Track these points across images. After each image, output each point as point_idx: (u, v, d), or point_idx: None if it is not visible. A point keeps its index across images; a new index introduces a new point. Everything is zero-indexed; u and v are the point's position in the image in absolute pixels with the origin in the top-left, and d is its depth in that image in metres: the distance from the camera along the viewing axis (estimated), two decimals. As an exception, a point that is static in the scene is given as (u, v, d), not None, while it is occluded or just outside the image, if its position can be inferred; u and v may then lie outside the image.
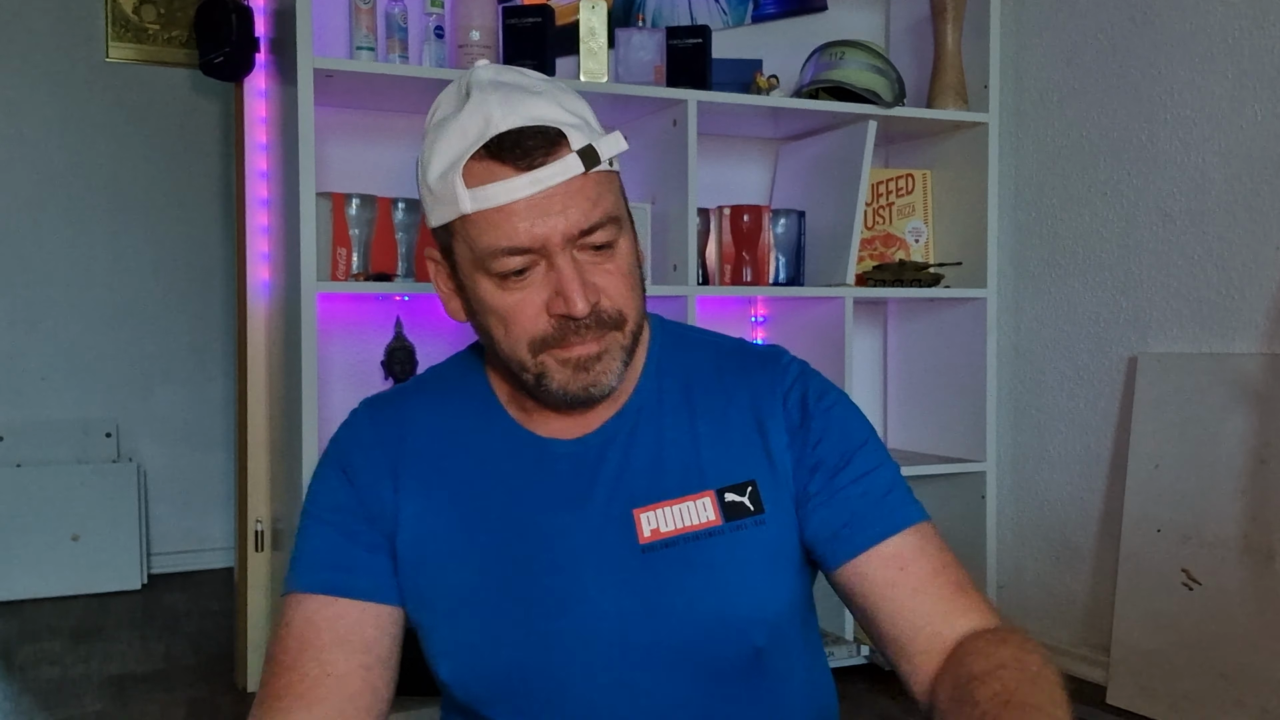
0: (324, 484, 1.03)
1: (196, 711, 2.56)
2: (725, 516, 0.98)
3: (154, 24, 3.98)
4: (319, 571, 0.99)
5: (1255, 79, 2.33)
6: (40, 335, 3.85)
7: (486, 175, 0.89)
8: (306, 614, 0.97)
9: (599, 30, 2.53)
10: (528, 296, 0.92)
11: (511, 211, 0.89)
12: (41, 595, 3.59)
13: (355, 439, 1.04)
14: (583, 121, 0.92)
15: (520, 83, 0.93)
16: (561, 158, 0.89)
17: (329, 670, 0.94)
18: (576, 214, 0.90)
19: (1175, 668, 2.36)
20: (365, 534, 1.00)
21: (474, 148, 0.89)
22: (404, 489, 1.01)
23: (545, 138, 0.89)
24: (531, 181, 0.88)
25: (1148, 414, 2.49)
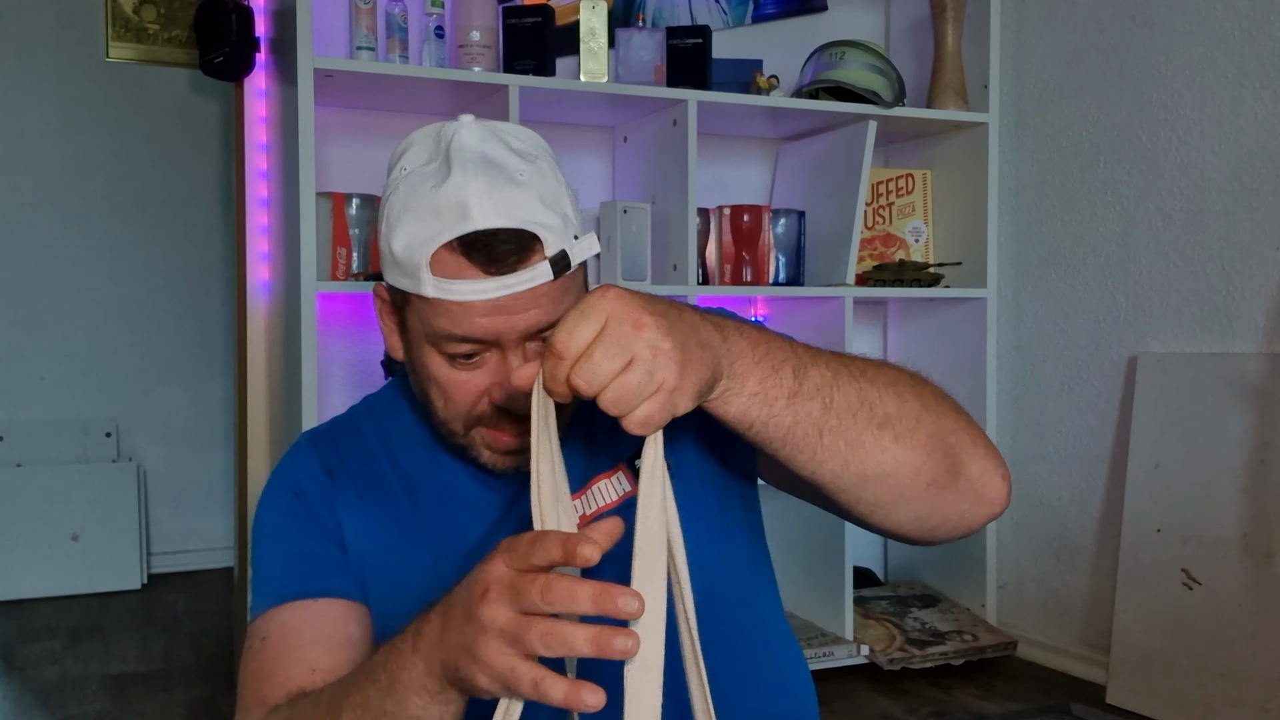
0: (274, 507, 1.02)
1: (196, 711, 2.56)
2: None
3: (154, 24, 3.98)
4: (287, 584, 0.96)
5: (1255, 79, 2.33)
6: (40, 335, 3.85)
7: (455, 270, 0.87)
8: (281, 621, 0.94)
9: (599, 30, 2.53)
10: (472, 379, 0.92)
11: (470, 308, 0.88)
12: (41, 595, 3.59)
13: (299, 464, 1.03)
14: (561, 219, 0.89)
15: (504, 163, 0.89)
16: (533, 264, 0.87)
17: (314, 667, 0.91)
18: (538, 314, 0.89)
19: (1175, 667, 2.36)
20: (323, 543, 0.99)
21: (446, 238, 0.87)
22: (346, 506, 1.01)
23: (519, 242, 0.87)
24: (500, 286, 0.87)
25: (1148, 414, 2.49)
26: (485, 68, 2.43)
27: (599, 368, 0.68)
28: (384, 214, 0.93)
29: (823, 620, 2.76)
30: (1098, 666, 2.61)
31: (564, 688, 0.65)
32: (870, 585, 3.05)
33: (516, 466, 0.96)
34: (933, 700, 2.54)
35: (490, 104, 2.46)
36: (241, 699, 0.94)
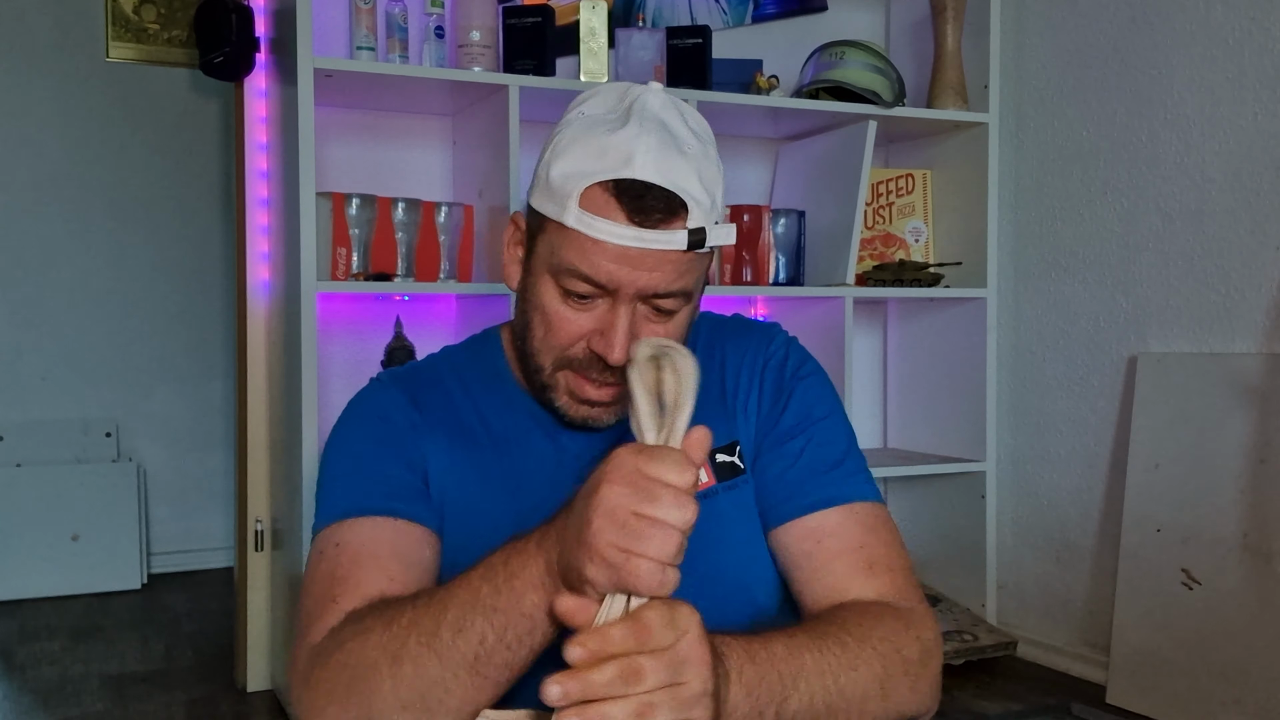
0: (357, 429, 1.03)
1: (196, 711, 2.56)
2: (718, 477, 1.02)
3: (154, 24, 3.98)
4: (365, 498, 0.97)
5: (1255, 79, 2.33)
6: (40, 335, 3.85)
7: (601, 208, 0.91)
8: (361, 533, 0.94)
9: (599, 30, 2.53)
10: (579, 319, 0.95)
11: (605, 249, 0.91)
12: (41, 595, 3.59)
13: (386, 396, 1.05)
14: (710, 201, 0.93)
15: (678, 133, 0.93)
16: (673, 228, 0.91)
17: (392, 576, 0.91)
18: (659, 278, 0.92)
19: (1175, 667, 2.36)
20: (407, 470, 1.00)
21: (604, 176, 0.90)
22: (432, 442, 1.02)
23: (668, 204, 0.91)
24: (636, 237, 0.90)
25: (1148, 414, 2.49)
26: (485, 68, 2.43)
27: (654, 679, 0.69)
28: (551, 143, 0.96)
29: (823, 620, 2.76)
30: (1098, 666, 2.61)
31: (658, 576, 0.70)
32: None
33: (586, 419, 0.99)
34: (933, 700, 2.54)
35: (490, 104, 2.46)
36: (309, 602, 0.93)
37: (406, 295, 2.57)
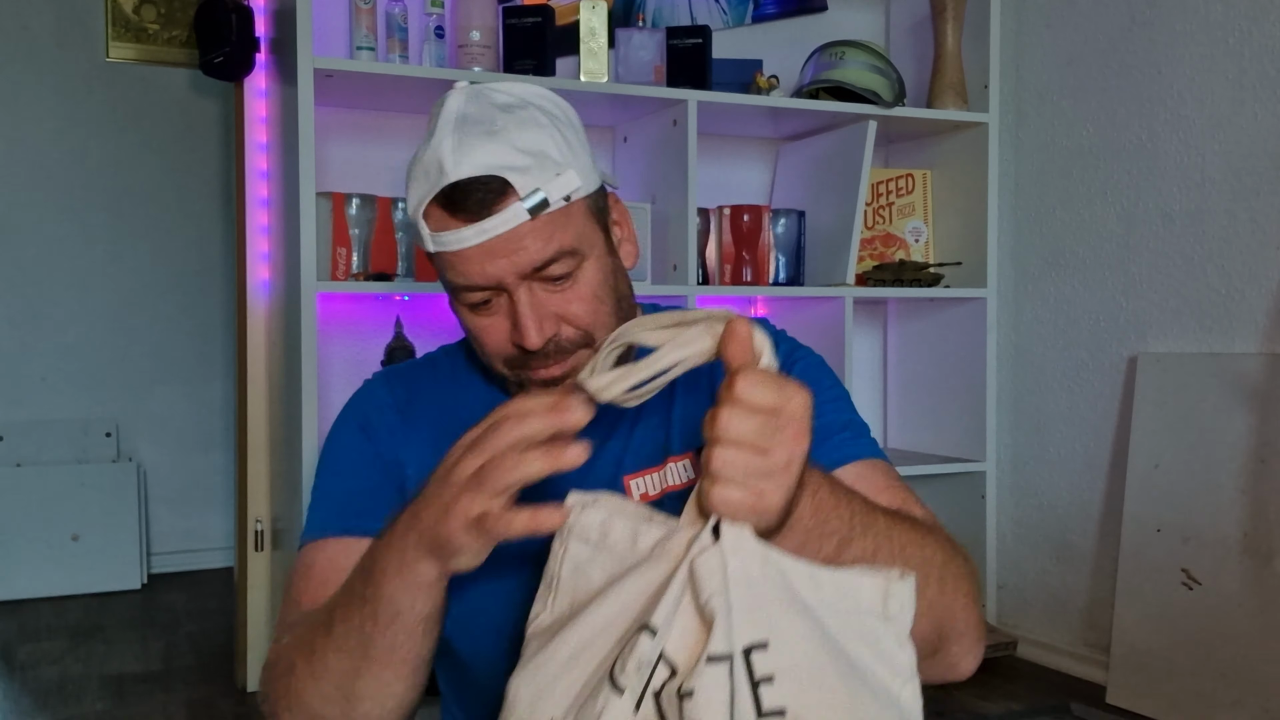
0: (341, 440, 1.08)
1: (196, 711, 2.56)
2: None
3: (154, 24, 3.98)
4: (339, 518, 1.02)
5: (1255, 79, 2.33)
6: (40, 335, 3.85)
7: (441, 223, 0.93)
8: (329, 555, 1.00)
9: (599, 30, 2.53)
10: (495, 323, 0.97)
11: (465, 256, 0.93)
12: (41, 595, 3.59)
13: (371, 399, 1.09)
14: (534, 161, 0.92)
15: (481, 118, 0.93)
16: (507, 207, 0.91)
17: None
18: (526, 256, 0.93)
19: (1175, 667, 2.36)
20: (381, 481, 1.04)
21: (430, 195, 0.93)
22: (412, 444, 1.05)
23: (492, 190, 0.91)
24: (478, 232, 0.92)
25: (1148, 414, 2.49)
26: (485, 68, 2.43)
27: (750, 422, 0.69)
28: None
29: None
30: (1098, 666, 2.61)
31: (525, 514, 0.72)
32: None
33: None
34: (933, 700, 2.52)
35: (490, 104, 2.46)
36: (279, 620, 1.01)
37: (406, 295, 2.57)
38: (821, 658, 0.69)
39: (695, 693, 0.66)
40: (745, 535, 0.70)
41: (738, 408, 0.69)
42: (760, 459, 0.69)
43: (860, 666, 0.70)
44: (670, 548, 0.72)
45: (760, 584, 0.69)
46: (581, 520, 0.77)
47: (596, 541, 0.76)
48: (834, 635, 0.70)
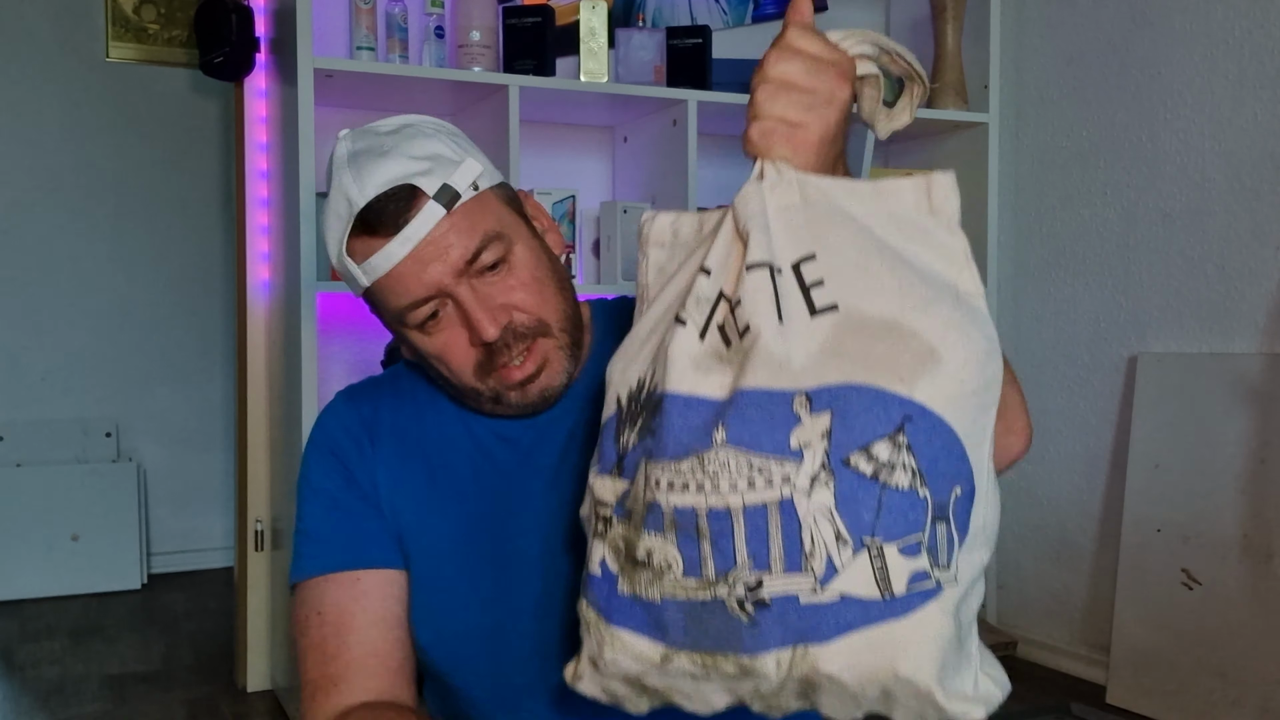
0: (315, 469, 1.07)
1: (196, 711, 2.56)
2: None
3: (154, 24, 3.98)
4: (332, 553, 1.02)
5: (1255, 79, 2.33)
6: (40, 335, 3.85)
7: (366, 249, 0.94)
8: (336, 599, 1.00)
9: (599, 30, 2.53)
10: (451, 336, 0.96)
11: (398, 274, 0.94)
12: (41, 595, 3.59)
13: (337, 421, 1.08)
14: (432, 163, 0.95)
15: (371, 146, 0.96)
16: (421, 209, 0.93)
17: (373, 650, 0.98)
18: (455, 252, 0.93)
19: (1175, 667, 2.36)
20: (363, 508, 1.03)
21: (347, 229, 0.95)
22: (381, 461, 1.05)
23: (401, 198, 0.93)
24: (402, 242, 0.92)
25: (1148, 414, 2.49)
26: (485, 68, 2.43)
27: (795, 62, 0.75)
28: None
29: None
30: (1098, 666, 2.61)
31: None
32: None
33: (543, 392, 0.99)
34: (933, 700, 2.53)
35: (490, 104, 2.46)
36: (305, 670, 1.00)
37: (406, 295, 2.57)
38: (869, 256, 0.71)
39: (743, 298, 0.71)
40: (784, 169, 0.74)
41: (784, 51, 0.73)
42: (802, 95, 0.74)
43: (911, 259, 0.72)
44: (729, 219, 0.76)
45: (801, 209, 0.73)
46: (655, 227, 0.82)
47: (670, 242, 0.82)
48: (881, 237, 0.72)
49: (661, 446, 0.71)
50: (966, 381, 0.70)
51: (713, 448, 0.69)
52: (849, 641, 0.66)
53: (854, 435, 0.67)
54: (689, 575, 0.70)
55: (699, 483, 0.69)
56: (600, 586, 0.75)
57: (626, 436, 0.75)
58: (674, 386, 0.72)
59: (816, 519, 0.66)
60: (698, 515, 0.69)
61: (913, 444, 0.67)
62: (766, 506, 0.67)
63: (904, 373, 0.68)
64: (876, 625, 0.66)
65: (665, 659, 0.71)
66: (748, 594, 0.67)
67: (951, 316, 0.70)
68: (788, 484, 0.67)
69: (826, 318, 0.70)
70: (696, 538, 0.69)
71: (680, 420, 0.71)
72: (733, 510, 0.68)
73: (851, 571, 0.66)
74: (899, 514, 0.66)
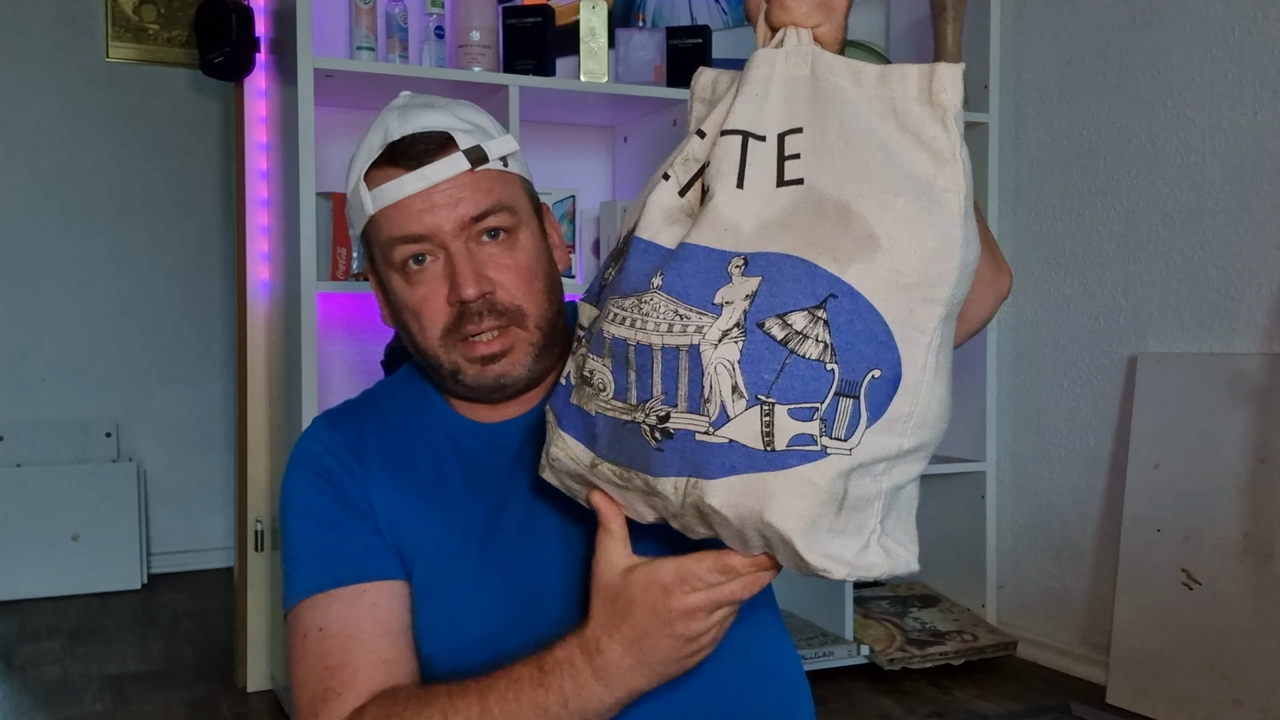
0: (303, 490, 1.04)
1: (196, 711, 2.56)
2: None
3: (154, 24, 3.98)
4: (332, 569, 0.98)
5: (1255, 79, 2.33)
6: (40, 335, 3.85)
7: (382, 178, 0.97)
8: (336, 614, 0.96)
9: (599, 30, 2.53)
10: (431, 290, 0.97)
11: (405, 206, 0.96)
12: (41, 595, 3.59)
13: (319, 444, 1.05)
14: (476, 128, 0.99)
15: (424, 101, 1.02)
16: (448, 155, 0.96)
17: (382, 657, 0.95)
18: (466, 205, 0.96)
19: (1175, 667, 2.36)
20: (359, 524, 1.01)
21: (372, 157, 0.98)
22: (372, 480, 1.03)
23: (434, 141, 0.97)
24: (419, 178, 0.96)
25: (1148, 414, 2.49)
26: (485, 68, 2.43)
27: None
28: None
29: (822, 620, 2.76)
30: (1098, 666, 2.61)
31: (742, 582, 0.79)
32: (870, 585, 3.04)
33: (499, 378, 0.99)
34: (933, 700, 2.54)
35: (490, 104, 2.46)
36: (303, 691, 0.96)
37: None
38: (851, 140, 0.74)
39: (711, 162, 0.79)
40: (804, 38, 0.77)
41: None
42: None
43: (894, 148, 0.74)
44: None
45: (807, 82, 0.76)
46: (700, 82, 0.86)
47: (708, 98, 0.85)
48: (873, 123, 0.75)
49: (617, 283, 0.80)
50: (906, 274, 0.73)
51: (649, 290, 0.77)
52: (730, 482, 0.72)
53: (775, 302, 0.72)
54: (617, 398, 0.79)
55: (633, 319, 0.77)
56: (561, 394, 0.86)
57: (610, 269, 0.84)
58: (641, 232, 0.81)
59: (718, 369, 0.73)
60: (628, 347, 0.77)
61: (831, 320, 0.72)
62: (679, 350, 0.74)
63: (839, 254, 0.73)
64: (755, 474, 0.72)
65: (593, 464, 0.81)
66: (658, 423, 0.75)
67: (907, 210, 0.73)
68: (699, 334, 0.73)
69: (789, 190, 0.75)
70: (626, 367, 0.78)
71: (636, 263, 0.80)
72: (653, 348, 0.76)
73: (741, 421, 0.72)
74: (799, 380, 0.72)
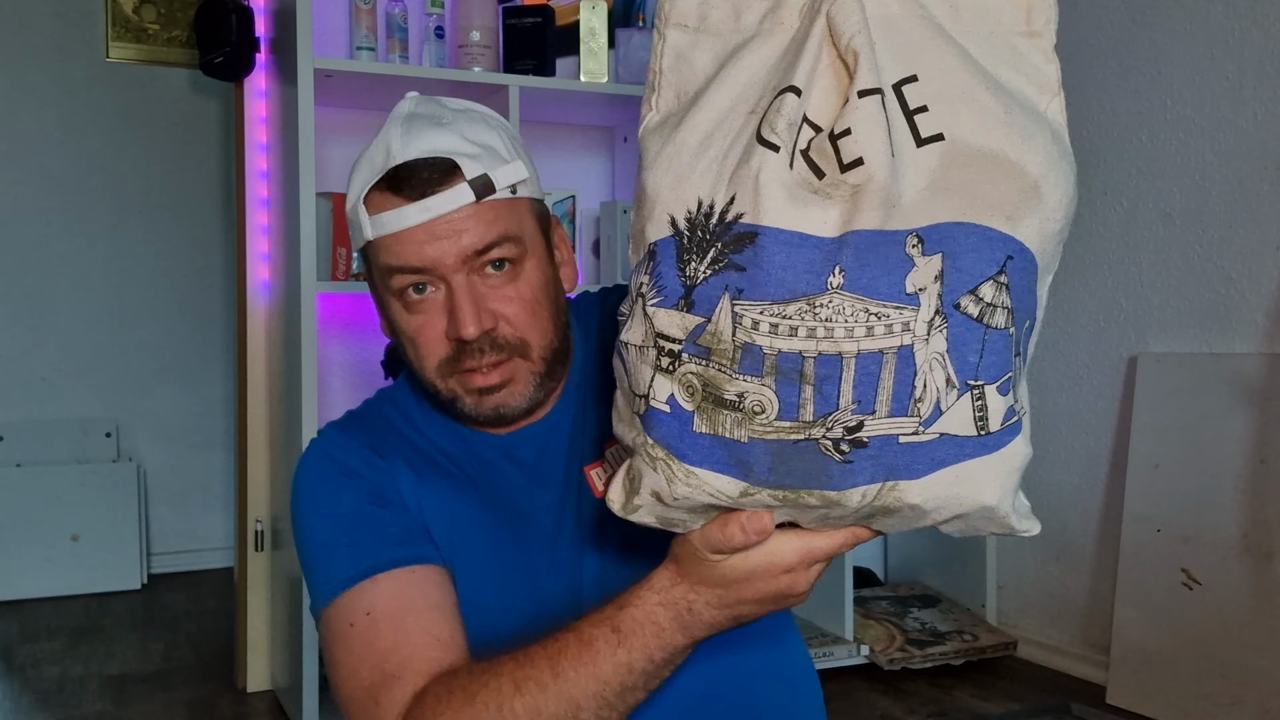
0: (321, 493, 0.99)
1: (196, 711, 2.56)
2: None
3: (154, 24, 3.98)
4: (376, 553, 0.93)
5: (1255, 79, 2.33)
6: (40, 335, 3.85)
7: (384, 204, 0.93)
8: (386, 593, 0.90)
9: (599, 30, 2.53)
10: (430, 320, 0.94)
11: (406, 237, 0.92)
12: (41, 595, 3.59)
13: (336, 447, 1.01)
14: (484, 151, 0.94)
15: (431, 114, 0.96)
16: (453, 186, 0.92)
17: (438, 635, 0.89)
18: (470, 237, 0.92)
19: (1175, 667, 2.36)
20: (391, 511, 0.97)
21: (375, 179, 0.93)
22: (398, 473, 1.00)
23: (438, 169, 0.92)
24: (422, 209, 0.91)
25: (1148, 414, 2.49)
26: (485, 68, 2.43)
27: None
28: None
29: (823, 620, 2.76)
30: (1098, 666, 2.61)
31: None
32: (870, 585, 3.04)
33: (496, 408, 0.96)
34: (933, 700, 2.54)
35: (490, 104, 2.45)
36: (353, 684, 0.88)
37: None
38: (972, 81, 0.68)
39: (852, 128, 0.65)
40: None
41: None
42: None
43: (1008, 85, 0.70)
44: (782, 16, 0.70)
45: (900, 21, 0.68)
46: (678, 6, 0.74)
47: (696, 26, 0.74)
48: (979, 60, 0.69)
49: (758, 285, 0.66)
50: (1059, 220, 0.70)
51: (826, 292, 0.66)
52: (940, 476, 0.67)
53: (964, 278, 0.66)
54: (783, 418, 0.67)
55: (810, 328, 0.66)
56: (669, 423, 0.71)
57: (695, 266, 0.69)
58: (771, 219, 0.67)
59: (932, 365, 0.66)
60: (804, 360, 0.66)
61: (1011, 284, 0.68)
62: (884, 353, 0.66)
63: (1010, 210, 0.68)
64: (970, 460, 0.67)
65: (744, 493, 0.70)
66: (845, 435, 0.67)
67: (1050, 150, 0.69)
68: (907, 331, 0.65)
69: (934, 149, 0.67)
70: (800, 382, 0.67)
71: (783, 258, 0.66)
72: (845, 356, 0.66)
73: (954, 413, 0.66)
74: (998, 354, 0.67)
